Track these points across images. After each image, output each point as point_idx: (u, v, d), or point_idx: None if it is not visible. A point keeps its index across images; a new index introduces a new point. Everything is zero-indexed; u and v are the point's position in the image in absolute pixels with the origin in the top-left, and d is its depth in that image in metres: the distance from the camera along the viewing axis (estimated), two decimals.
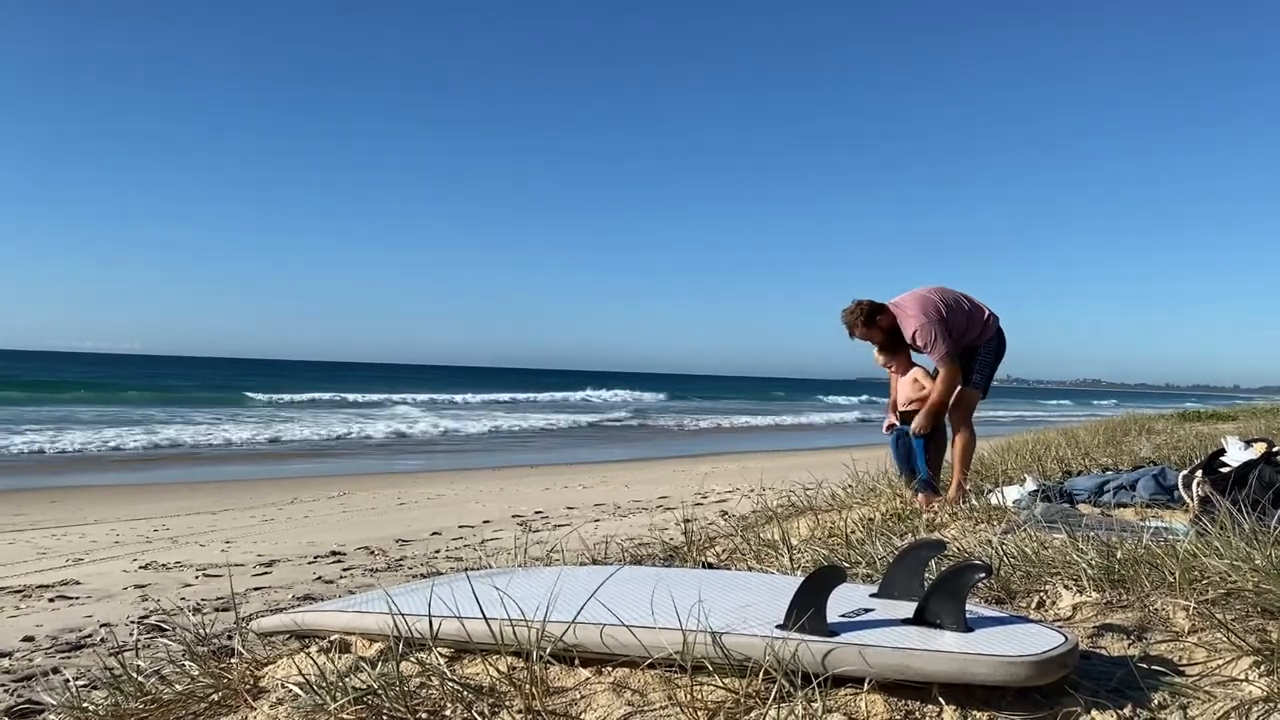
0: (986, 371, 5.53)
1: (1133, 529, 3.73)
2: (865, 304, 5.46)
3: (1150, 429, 12.04)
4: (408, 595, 2.64)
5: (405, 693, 2.09)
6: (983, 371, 5.51)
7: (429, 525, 9.46)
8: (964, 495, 5.30)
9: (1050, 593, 2.75)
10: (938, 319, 5.29)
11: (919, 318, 5.32)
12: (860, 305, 5.46)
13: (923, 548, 2.47)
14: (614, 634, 2.17)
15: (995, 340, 5.56)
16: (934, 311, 5.32)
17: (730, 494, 11.51)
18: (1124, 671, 2.08)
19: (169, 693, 2.48)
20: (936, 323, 5.29)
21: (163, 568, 7.22)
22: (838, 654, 1.96)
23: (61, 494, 12.39)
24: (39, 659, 4.70)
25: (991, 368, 5.57)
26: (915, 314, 5.35)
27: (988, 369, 5.54)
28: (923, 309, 5.33)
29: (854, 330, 5.50)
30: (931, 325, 5.28)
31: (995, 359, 5.58)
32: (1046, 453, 7.89)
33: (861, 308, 5.45)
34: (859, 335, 5.51)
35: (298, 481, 14.39)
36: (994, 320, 5.57)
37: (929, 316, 5.29)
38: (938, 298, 5.40)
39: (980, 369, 5.50)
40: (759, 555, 3.73)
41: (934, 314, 5.31)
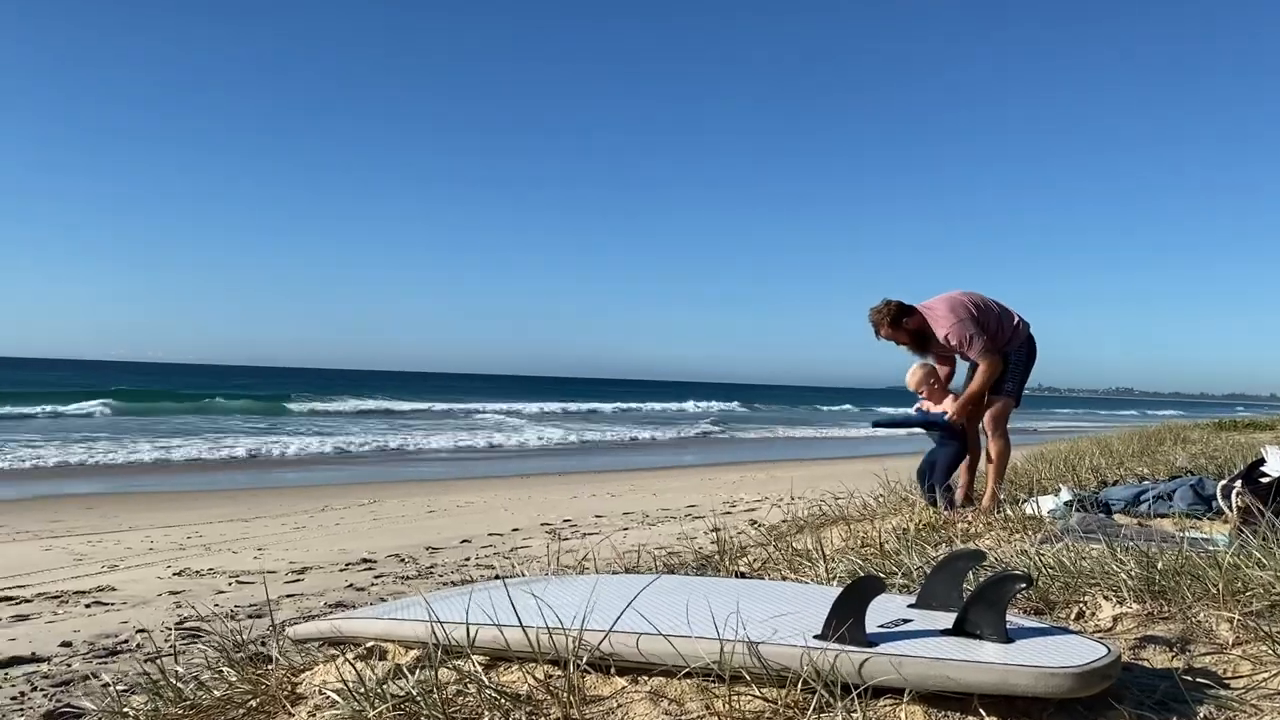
0: (1018, 379, 5.49)
1: (1172, 540, 3.68)
2: (893, 304, 5.42)
3: (1185, 438, 11.90)
4: (444, 602, 2.65)
5: (444, 700, 2.10)
6: (1014, 379, 5.47)
7: (458, 533, 9.50)
8: (999, 505, 5.26)
9: (1090, 604, 2.72)
10: (969, 317, 5.27)
11: (949, 318, 5.29)
12: (888, 305, 5.43)
13: (961, 558, 2.45)
14: (651, 643, 2.17)
15: (1026, 347, 5.52)
16: (964, 311, 5.30)
17: (759, 503, 11.49)
18: (1168, 684, 2.06)
19: (208, 698, 2.50)
20: (970, 321, 5.26)
21: (196, 574, 7.28)
22: (877, 664, 1.95)
23: (96, 500, 12.53)
24: (77, 664, 4.75)
25: (1023, 375, 5.52)
26: (946, 315, 5.32)
27: (1019, 376, 5.50)
28: (953, 310, 5.31)
29: (879, 330, 5.46)
30: (964, 324, 5.25)
31: (1026, 366, 5.54)
32: (1080, 462, 7.81)
33: (889, 307, 5.42)
34: (884, 335, 5.47)
35: (328, 489, 14.49)
36: (1024, 327, 5.53)
37: (959, 316, 5.27)
38: (967, 299, 5.38)
39: (1011, 376, 5.46)
40: (792, 565, 3.72)
41: (965, 313, 5.29)
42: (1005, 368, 5.44)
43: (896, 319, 5.40)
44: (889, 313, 5.41)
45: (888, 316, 5.41)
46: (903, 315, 5.41)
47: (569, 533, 9.40)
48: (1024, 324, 5.54)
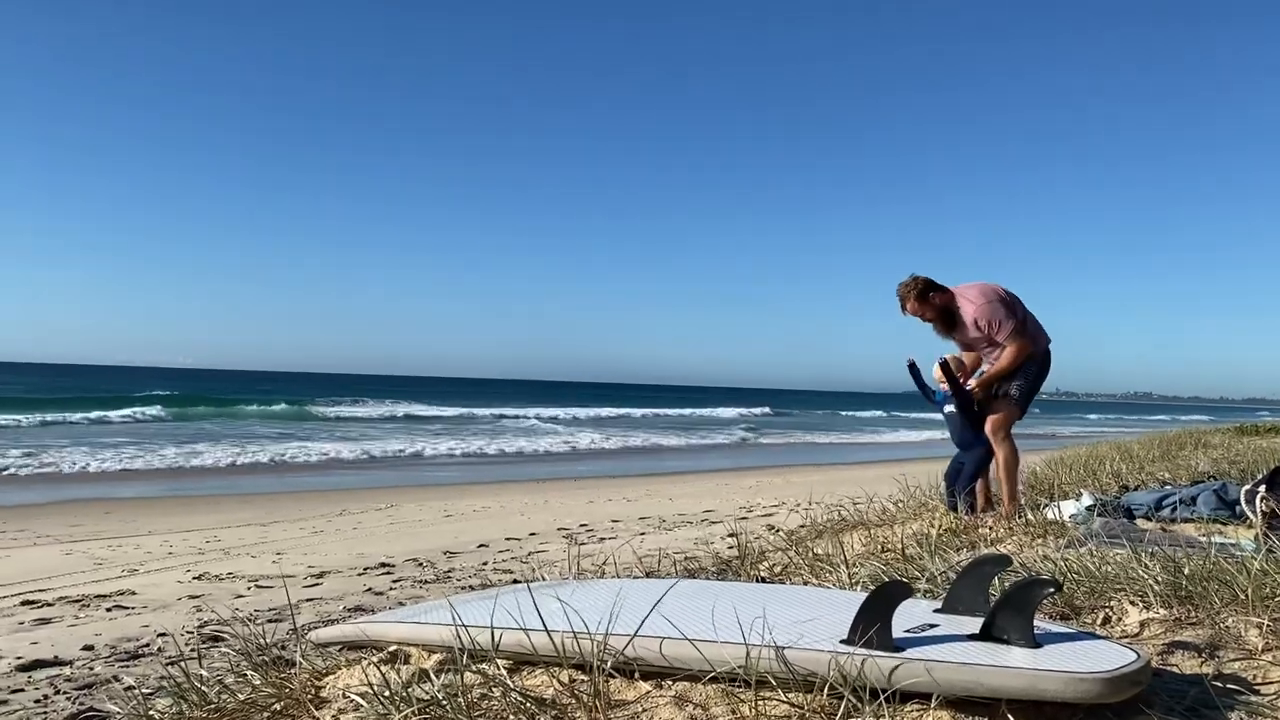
0: (1026, 390, 5.40)
1: (1196, 545, 3.65)
2: (921, 279, 5.36)
3: (1206, 443, 11.82)
4: (468, 606, 2.65)
5: (468, 704, 2.10)
6: (1023, 389, 5.38)
7: (475, 537, 9.51)
8: (1019, 510, 5.23)
9: (1116, 609, 2.70)
10: (1000, 301, 5.23)
11: (979, 299, 5.24)
12: (916, 279, 5.36)
13: (987, 563, 2.43)
14: (676, 647, 2.16)
15: (1041, 360, 5.44)
16: (996, 295, 5.26)
17: (776, 508, 11.46)
18: (1198, 690, 2.04)
19: (232, 702, 2.51)
20: (1000, 304, 5.22)
21: (215, 579, 7.31)
22: (904, 669, 1.94)
23: (115, 505, 12.60)
24: (99, 667, 4.77)
25: (1032, 388, 5.43)
26: (976, 296, 5.27)
27: (1028, 388, 5.41)
28: (984, 293, 5.27)
29: (905, 304, 5.40)
30: (994, 306, 5.21)
31: (1037, 380, 5.45)
32: (1100, 467, 7.76)
33: (917, 281, 5.35)
34: (910, 310, 5.40)
35: (345, 494, 14.53)
36: (1044, 341, 5.46)
37: (990, 299, 5.23)
38: (1001, 289, 5.34)
39: (1020, 385, 5.38)
40: (814, 570, 3.70)
41: (996, 298, 5.25)
42: (1015, 375, 5.37)
43: (924, 293, 5.34)
44: (916, 286, 5.35)
45: (914, 290, 5.35)
46: (930, 290, 5.34)
47: (585, 537, 9.39)
48: (1045, 337, 5.48)
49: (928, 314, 5.39)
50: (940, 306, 5.35)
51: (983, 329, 5.28)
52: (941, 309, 5.35)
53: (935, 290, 5.35)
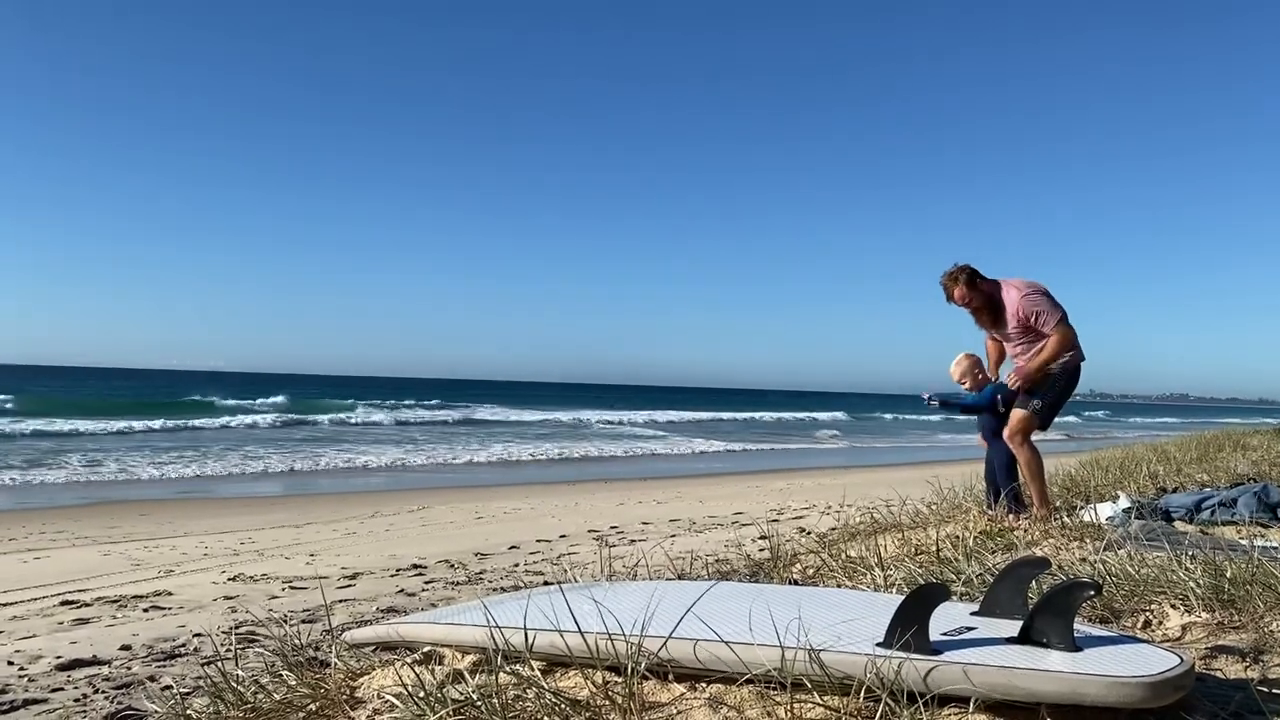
0: (1050, 400, 5.30)
1: (1238, 548, 3.60)
2: (967, 267, 5.33)
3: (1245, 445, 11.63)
4: (502, 607, 2.66)
5: (503, 704, 2.10)
6: (1047, 399, 5.29)
7: (506, 539, 9.54)
8: (1050, 511, 5.16)
9: (1156, 612, 2.67)
10: (1045, 294, 5.20)
11: (1026, 289, 5.22)
12: (961, 268, 5.33)
13: (1025, 565, 2.41)
14: (711, 649, 2.15)
15: (1070, 374, 5.35)
16: (1040, 288, 5.24)
17: (807, 510, 11.41)
18: (1243, 695, 2.01)
19: (268, 701, 2.52)
20: (1045, 297, 5.19)
21: (250, 580, 7.38)
22: (942, 673, 1.92)
23: (151, 507, 12.76)
24: (136, 667, 4.83)
25: (1057, 398, 5.34)
26: (1023, 286, 5.25)
27: (1053, 399, 5.31)
28: (1030, 285, 5.25)
29: (951, 292, 5.35)
30: (1040, 297, 5.18)
31: (1064, 392, 5.35)
32: (1137, 469, 7.67)
33: (963, 270, 5.32)
34: (956, 297, 5.34)
35: (378, 495, 14.63)
36: (1078, 355, 5.36)
37: (1036, 290, 5.20)
38: (1043, 286, 5.30)
39: (1045, 395, 5.28)
40: (847, 572, 3.68)
41: (1041, 290, 5.22)
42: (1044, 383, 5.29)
43: (971, 280, 5.30)
44: (962, 274, 5.31)
45: (961, 277, 5.31)
46: (976, 277, 5.32)
47: (616, 539, 9.39)
48: (1080, 352, 5.38)
49: (974, 301, 5.32)
50: (986, 294, 5.30)
51: (1025, 319, 5.21)
52: (988, 297, 5.30)
53: (981, 279, 5.31)
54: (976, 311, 5.37)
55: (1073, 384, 5.36)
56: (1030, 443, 5.32)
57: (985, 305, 5.33)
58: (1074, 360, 5.32)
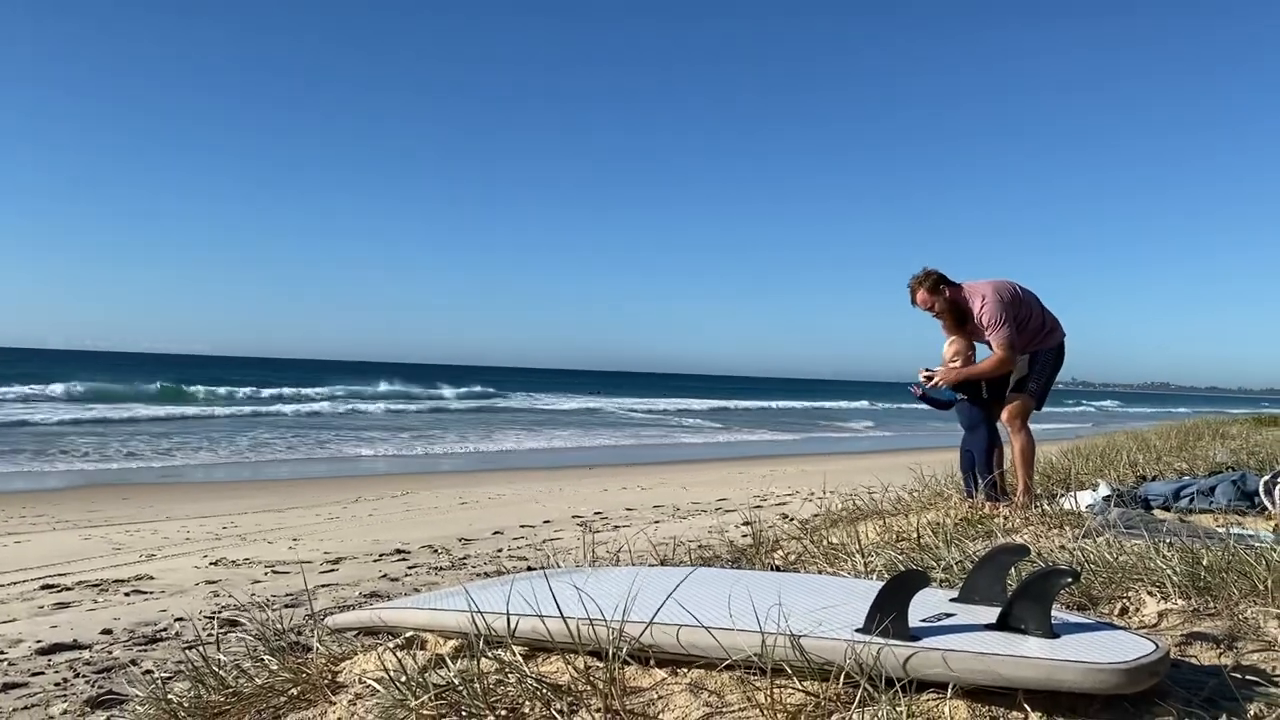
0: (1042, 381, 5.42)
1: (1215, 536, 3.63)
2: (933, 272, 5.40)
3: (1224, 433, 11.74)
4: (485, 592, 2.66)
5: (485, 689, 2.11)
6: (1039, 380, 5.40)
7: (490, 524, 9.54)
8: (1032, 499, 5.21)
9: (1133, 599, 2.69)
10: (1008, 303, 5.23)
11: (990, 294, 5.26)
12: (927, 272, 5.41)
13: (1005, 552, 2.43)
14: (692, 635, 2.16)
15: (1055, 352, 5.45)
16: (1006, 294, 5.26)
17: (790, 497, 11.45)
18: (1217, 681, 2.03)
19: (249, 686, 2.52)
20: (1007, 304, 5.22)
21: (232, 564, 7.36)
22: (921, 658, 1.93)
23: (132, 490, 12.70)
24: (118, 651, 4.81)
25: (1048, 379, 5.45)
26: (987, 291, 5.29)
27: (1044, 379, 5.42)
28: (995, 289, 5.28)
29: (915, 295, 5.43)
30: (1001, 306, 5.22)
31: (1053, 371, 5.45)
32: (1117, 457, 7.72)
33: (928, 274, 5.40)
34: (919, 301, 5.43)
35: (361, 480, 14.60)
36: (1060, 333, 5.46)
37: (1001, 297, 5.24)
38: (1013, 287, 5.34)
39: (1036, 377, 5.39)
40: (828, 558, 3.70)
41: (1006, 296, 5.25)
42: (1032, 367, 5.38)
43: (935, 284, 5.37)
44: (927, 278, 5.39)
45: (925, 281, 5.38)
46: (941, 283, 5.38)
47: (600, 525, 9.41)
48: (1060, 331, 5.48)
49: (937, 306, 5.41)
50: (950, 300, 5.37)
51: (982, 324, 5.29)
52: (951, 303, 5.37)
53: (946, 284, 5.37)
54: (940, 315, 5.46)
55: (1059, 363, 5.47)
56: (1028, 428, 5.41)
57: (949, 309, 5.41)
58: (1056, 339, 5.41)
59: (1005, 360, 5.26)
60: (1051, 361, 5.44)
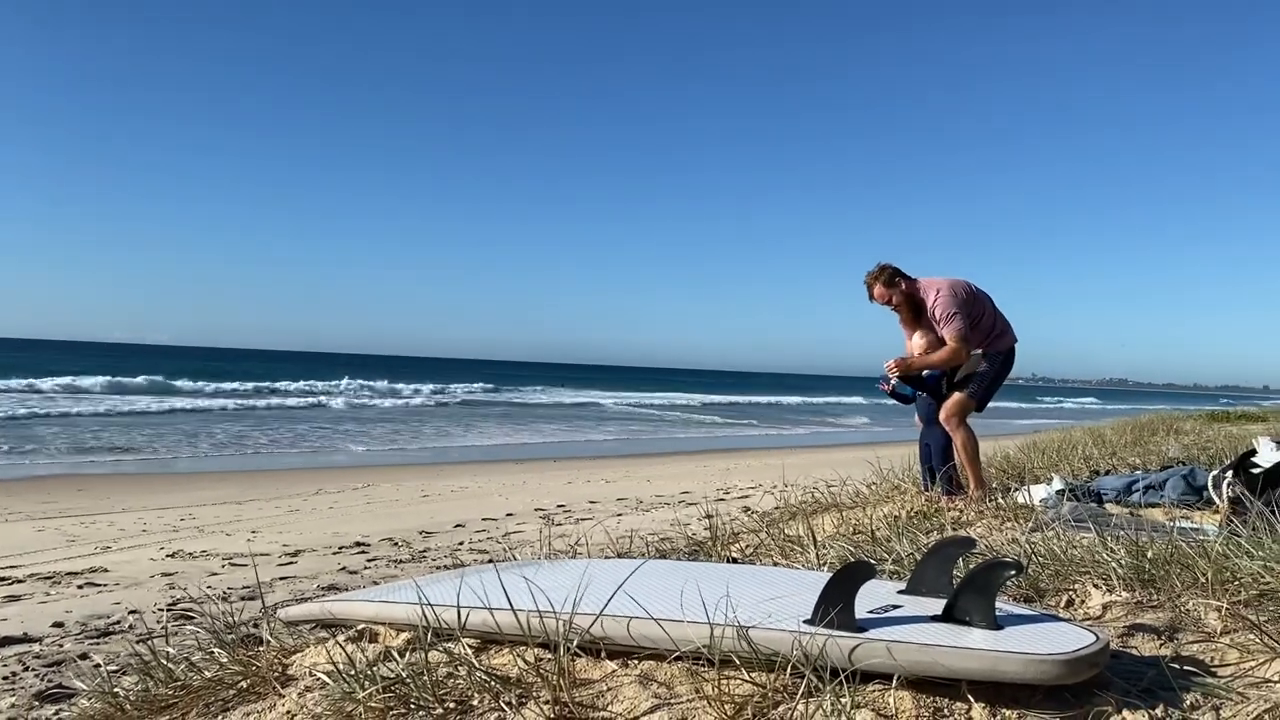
0: (986, 384, 5.46)
1: (1163, 529, 3.69)
2: (888, 266, 5.47)
3: (1178, 429, 11.93)
4: (436, 585, 2.66)
5: (434, 682, 2.10)
6: (981, 382, 5.45)
7: (452, 517, 9.50)
8: (987, 492, 5.27)
9: (1080, 592, 2.73)
10: (962, 298, 5.30)
11: (943, 289, 5.34)
12: (883, 267, 5.48)
13: (951, 545, 2.45)
14: (641, 627, 2.17)
15: (1004, 356, 5.50)
16: (960, 291, 5.33)
17: (752, 490, 11.50)
18: (1155, 672, 2.06)
19: (198, 679, 2.51)
20: (960, 300, 5.29)
21: (189, 556, 7.28)
22: (866, 650, 1.95)
23: (89, 481, 12.53)
24: (69, 644, 4.75)
25: (992, 383, 5.49)
26: (941, 285, 5.37)
27: (988, 383, 5.47)
28: (950, 285, 5.36)
29: (872, 290, 5.50)
30: (954, 300, 5.29)
31: (999, 375, 5.50)
32: (1073, 452, 7.82)
33: (883, 269, 5.47)
34: (876, 295, 5.50)
35: (322, 473, 14.49)
36: (1011, 338, 5.52)
37: (954, 292, 5.31)
38: (967, 285, 5.41)
39: (980, 379, 5.44)
40: (784, 551, 3.72)
41: (960, 292, 5.31)
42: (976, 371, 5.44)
43: (890, 279, 5.44)
44: (882, 273, 5.46)
45: (881, 276, 5.46)
46: (896, 277, 5.45)
47: (562, 518, 9.41)
48: (1011, 336, 5.54)
49: (894, 299, 5.50)
50: (906, 294, 5.44)
51: (935, 318, 5.36)
52: (907, 296, 5.44)
53: (901, 277, 5.44)
54: (897, 309, 5.55)
55: (1007, 367, 5.52)
56: (966, 425, 5.45)
57: (905, 303, 5.50)
58: (1007, 343, 5.47)
59: (957, 351, 5.32)
60: (999, 365, 5.49)
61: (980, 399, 5.46)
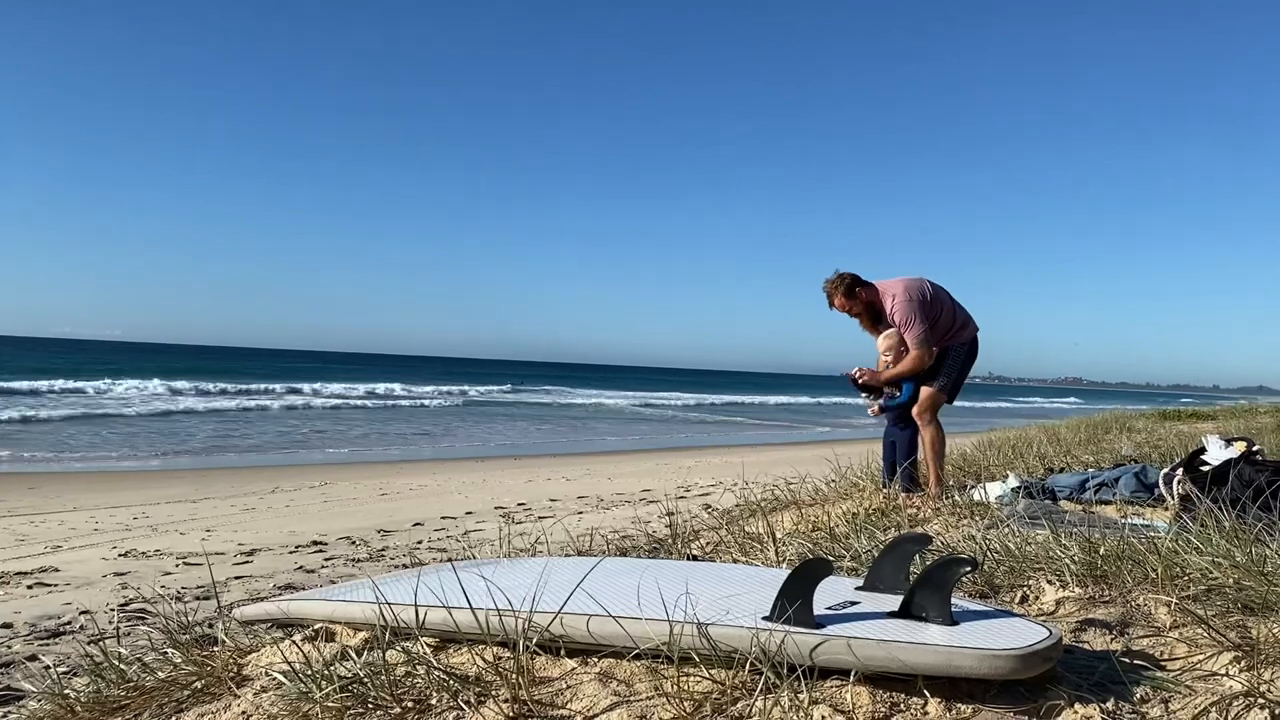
0: (954, 375, 5.53)
1: (1114, 526, 3.75)
2: (847, 275, 5.50)
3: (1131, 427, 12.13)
4: (393, 584, 2.64)
5: (391, 681, 2.09)
6: (949, 374, 5.52)
7: (411, 516, 9.44)
8: (944, 490, 5.33)
9: (1034, 588, 2.77)
10: (919, 302, 5.34)
11: (901, 294, 5.38)
12: (842, 276, 5.50)
13: (908, 541, 2.48)
14: (600, 625, 2.17)
15: (968, 348, 5.58)
16: (917, 294, 5.37)
17: (713, 487, 11.53)
18: (1106, 666, 2.10)
19: (151, 680, 2.47)
20: (917, 305, 5.34)
21: (142, 555, 7.17)
22: (824, 646, 1.97)
23: (39, 480, 12.30)
24: (18, 646, 4.65)
25: (960, 373, 5.56)
26: (899, 291, 5.41)
27: (955, 373, 5.54)
28: (906, 289, 5.40)
29: (833, 300, 5.54)
30: (911, 306, 5.33)
31: (965, 366, 5.58)
32: (1028, 449, 7.93)
33: (843, 279, 5.49)
34: (837, 305, 5.54)
35: (279, 471, 14.32)
36: (972, 329, 5.59)
37: (909, 296, 5.35)
38: (924, 285, 5.46)
39: (947, 371, 5.51)
40: (744, 548, 3.74)
41: (916, 296, 5.36)
42: (944, 362, 5.50)
43: (850, 289, 5.48)
44: (842, 283, 5.49)
45: (841, 286, 5.49)
46: (856, 285, 5.48)
47: (523, 516, 9.38)
48: (973, 326, 5.61)
49: (854, 309, 5.55)
50: (866, 302, 5.49)
51: (896, 324, 5.41)
52: (867, 304, 5.50)
53: (861, 285, 5.49)
54: (858, 317, 5.61)
55: (972, 357, 5.59)
56: (937, 420, 5.53)
57: (865, 311, 5.56)
58: (969, 334, 5.54)
59: (921, 357, 5.38)
60: (964, 356, 5.56)
61: (950, 391, 5.54)
